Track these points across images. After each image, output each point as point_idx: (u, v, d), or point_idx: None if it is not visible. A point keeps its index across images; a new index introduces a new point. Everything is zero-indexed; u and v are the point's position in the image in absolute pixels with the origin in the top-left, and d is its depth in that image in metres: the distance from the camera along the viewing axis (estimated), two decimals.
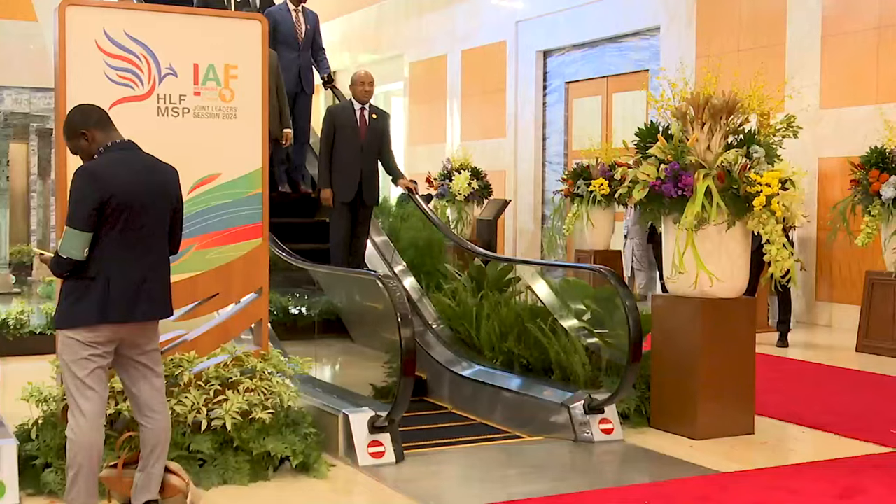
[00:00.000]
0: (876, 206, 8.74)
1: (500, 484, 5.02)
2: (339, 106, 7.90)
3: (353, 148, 7.55)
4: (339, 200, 7.54)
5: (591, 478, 5.16)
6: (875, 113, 9.37)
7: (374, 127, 7.66)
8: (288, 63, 8.91)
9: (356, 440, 5.25)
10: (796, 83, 10.17)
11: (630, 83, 13.19)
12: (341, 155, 7.53)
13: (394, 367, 6.39)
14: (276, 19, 8.94)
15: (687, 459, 5.43)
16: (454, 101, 16.46)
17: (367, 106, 7.66)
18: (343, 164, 7.54)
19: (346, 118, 7.60)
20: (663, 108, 6.08)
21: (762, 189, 5.66)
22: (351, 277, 7.34)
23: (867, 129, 9.52)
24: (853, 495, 4.84)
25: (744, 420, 5.98)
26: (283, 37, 8.99)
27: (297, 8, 9.09)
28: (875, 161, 8.79)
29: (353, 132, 7.58)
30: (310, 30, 9.19)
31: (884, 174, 8.68)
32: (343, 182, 7.56)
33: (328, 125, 7.63)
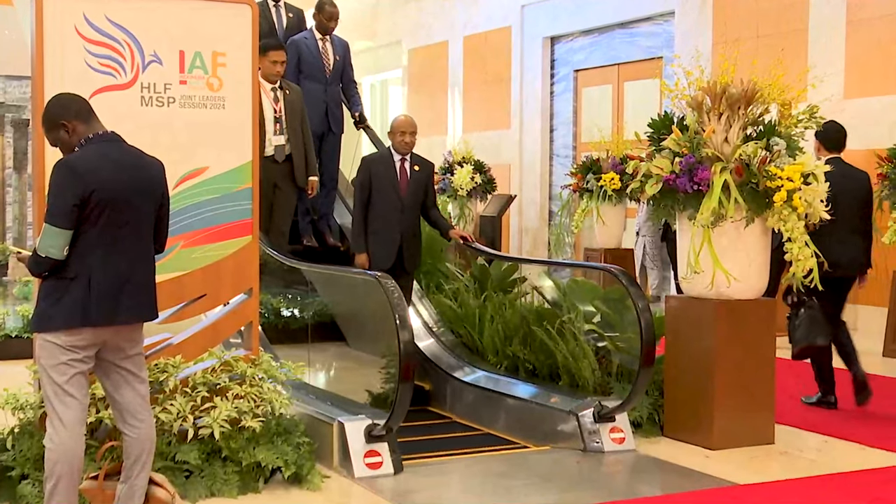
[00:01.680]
0: None
1: (504, 496, 5.03)
2: (376, 157, 7.16)
3: (392, 206, 6.82)
4: (376, 267, 6.59)
5: (601, 490, 5.16)
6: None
7: (416, 180, 6.90)
8: (313, 99, 8.37)
9: (352, 450, 5.26)
10: (819, 71, 10.16)
11: (642, 71, 13.19)
12: (378, 214, 6.82)
13: (392, 373, 6.40)
14: (299, 49, 8.51)
15: (702, 470, 5.43)
16: (455, 91, 16.47)
17: (409, 156, 6.94)
18: (381, 224, 6.81)
19: (383, 171, 6.86)
20: (678, 97, 6.08)
21: (783, 184, 5.67)
22: (347, 278, 7.33)
23: (893, 119, 9.51)
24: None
25: (763, 429, 5.99)
26: (308, 69, 8.52)
27: (324, 37, 8.60)
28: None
29: (393, 188, 6.84)
30: (339, 61, 8.67)
31: None
32: (380, 246, 6.80)
33: (363, 179, 6.89)
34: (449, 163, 14.37)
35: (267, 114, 7.44)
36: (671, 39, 12.52)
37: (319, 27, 8.60)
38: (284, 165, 7.64)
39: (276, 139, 7.57)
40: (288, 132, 7.60)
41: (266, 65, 7.34)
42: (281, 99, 7.59)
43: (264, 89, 7.41)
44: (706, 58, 11.10)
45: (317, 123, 8.38)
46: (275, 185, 7.57)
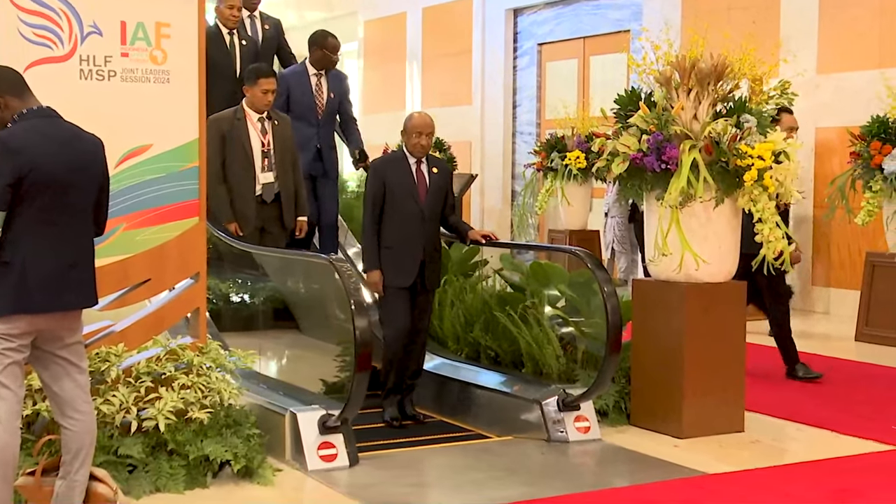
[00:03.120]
0: (878, 182, 8.83)
1: (465, 489, 5.03)
2: (389, 161, 6.48)
3: (411, 217, 6.19)
4: (394, 286, 6.15)
5: (566, 481, 5.19)
6: (878, 78, 9.45)
7: (436, 185, 6.30)
8: (304, 140, 7.76)
9: (305, 442, 5.24)
10: (792, 46, 10.26)
11: (609, 45, 13.21)
12: (396, 227, 6.17)
13: (347, 361, 6.38)
14: (289, 87, 7.89)
15: (671, 460, 5.48)
16: (414, 65, 16.42)
17: (425, 159, 6.33)
18: (399, 238, 6.16)
19: (399, 178, 6.22)
20: (645, 72, 6.10)
21: (753, 162, 5.70)
22: (300, 261, 7.30)
23: (869, 96, 9.60)
24: (850, 498, 4.91)
25: (733, 416, 6.04)
26: (299, 109, 7.86)
27: (319, 72, 7.96)
28: (877, 132, 8.87)
29: (411, 196, 6.20)
30: (333, 99, 8.02)
31: (886, 146, 8.77)
32: (400, 263, 6.15)
33: (375, 188, 6.22)
34: None
35: (255, 148, 6.91)
36: (639, 12, 12.56)
37: (319, 62, 7.96)
38: (273, 207, 7.03)
39: (264, 176, 6.96)
40: (277, 168, 6.99)
41: (255, 94, 6.84)
42: (269, 131, 6.97)
43: (251, 120, 6.90)
44: (675, 31, 11.11)
45: (307, 166, 7.75)
46: (262, 230, 7.02)
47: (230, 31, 8.08)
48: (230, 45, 8.08)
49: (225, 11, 8.02)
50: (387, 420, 6.13)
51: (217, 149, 6.67)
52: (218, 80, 7.63)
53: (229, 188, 6.88)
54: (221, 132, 6.79)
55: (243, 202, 6.90)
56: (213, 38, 7.80)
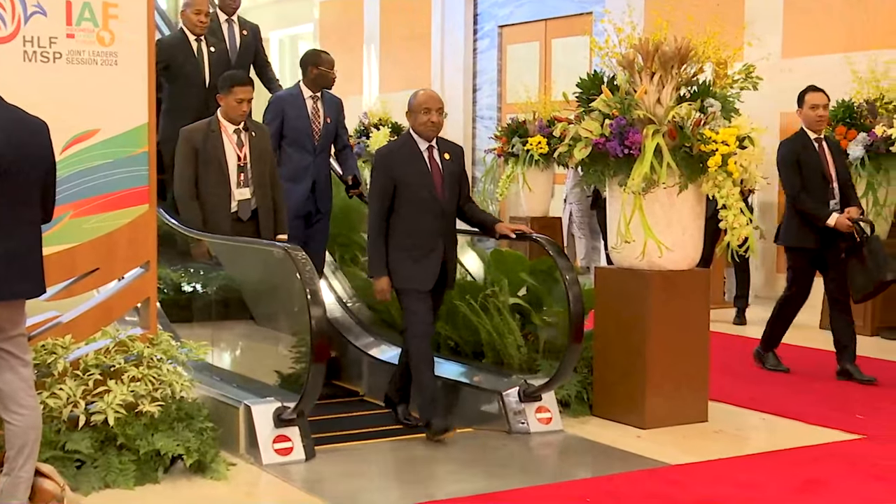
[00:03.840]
0: None
1: (424, 483, 5.04)
2: (397, 148, 5.93)
3: (428, 212, 5.73)
4: (415, 290, 5.76)
5: (528, 473, 5.20)
6: (843, 62, 9.53)
7: (451, 174, 5.83)
8: (298, 172, 7.22)
9: (260, 435, 5.23)
10: (757, 29, 10.29)
11: (571, 27, 13.23)
12: (412, 225, 5.72)
13: (303, 352, 6.36)
14: (284, 107, 7.28)
15: (633, 451, 5.51)
16: (372, 48, 16.37)
17: (436, 143, 5.87)
18: (416, 238, 5.73)
19: (411, 168, 5.73)
20: (608, 55, 6.11)
21: (718, 147, 5.73)
22: (254, 250, 7.25)
23: (835, 80, 9.67)
24: (814, 488, 4.96)
25: (697, 407, 6.08)
26: (295, 134, 7.25)
27: (315, 94, 7.30)
28: (842, 116, 8.96)
29: (426, 188, 5.73)
30: (330, 124, 7.36)
31: (851, 131, 8.86)
32: (420, 265, 5.72)
33: (383, 181, 5.73)
34: (365, 125, 14.32)
35: (230, 162, 6.45)
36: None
37: (316, 82, 7.27)
38: (249, 225, 6.56)
39: (240, 192, 6.50)
40: (254, 183, 6.53)
41: (230, 103, 6.40)
42: (246, 143, 6.50)
43: (226, 132, 6.45)
44: (639, 13, 11.16)
45: (299, 202, 7.19)
46: None
47: (197, 38, 7.71)
48: (198, 53, 7.73)
49: (192, 17, 7.66)
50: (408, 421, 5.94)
51: (190, 162, 6.40)
52: (187, 90, 7.59)
53: (202, 204, 6.45)
54: (194, 145, 6.40)
55: (217, 219, 6.42)
56: (180, 46, 7.64)
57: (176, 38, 7.78)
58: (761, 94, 6.76)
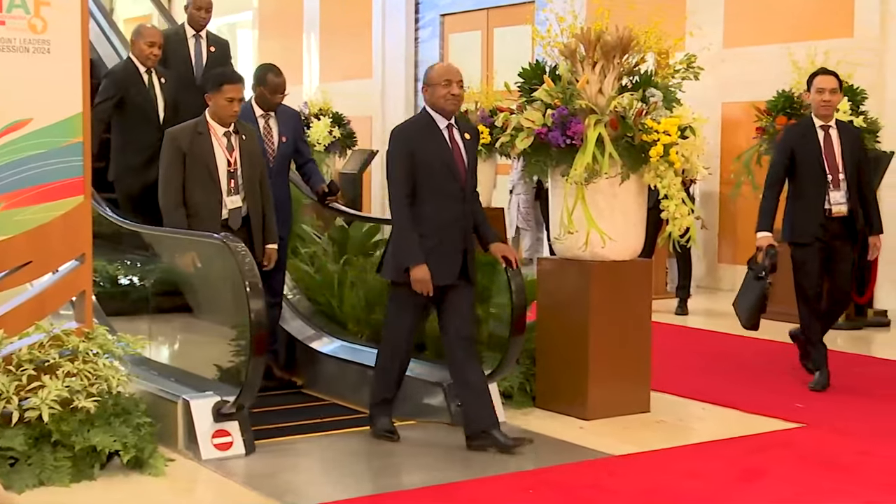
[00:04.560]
0: None
1: (367, 476, 5.04)
2: (416, 125, 5.51)
3: (449, 197, 5.38)
4: (436, 285, 5.35)
5: (470, 465, 5.22)
6: (784, 53, 9.65)
7: (472, 156, 5.54)
8: None
9: (198, 430, 5.20)
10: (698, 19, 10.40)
11: (513, 16, 13.26)
12: (431, 210, 5.36)
13: (242, 345, 6.32)
14: None
15: (576, 442, 5.55)
16: (312, 36, 16.29)
17: (454, 122, 5.51)
18: (436, 224, 5.36)
19: (432, 148, 5.36)
20: (550, 45, 6.14)
21: (659, 138, 5.78)
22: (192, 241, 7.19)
23: (775, 70, 9.80)
24: (756, 476, 5.03)
25: (639, 397, 6.14)
26: None
27: (267, 113, 6.68)
28: (783, 106, 9.08)
29: (449, 169, 5.37)
30: (286, 143, 6.73)
31: (791, 121, 8.97)
32: (440, 255, 5.36)
33: (402, 158, 5.33)
34: (305, 115, 14.23)
35: (220, 167, 6.01)
36: None
37: (264, 101, 6.64)
38: (240, 233, 6.01)
39: (230, 200, 6.06)
40: (245, 190, 6.09)
41: (219, 102, 5.97)
42: (236, 147, 6.06)
43: (215, 134, 6.00)
44: (580, 2, 11.21)
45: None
46: None
47: (148, 70, 7.34)
48: (149, 85, 7.33)
49: (144, 49, 7.28)
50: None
51: (177, 167, 5.97)
52: (139, 126, 7.22)
53: (189, 213, 6.02)
54: (180, 149, 5.97)
55: (206, 229, 5.88)
56: (130, 77, 7.28)
57: (127, 70, 7.37)
58: (703, 85, 6.84)
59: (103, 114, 7.15)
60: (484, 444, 5.35)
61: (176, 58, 7.90)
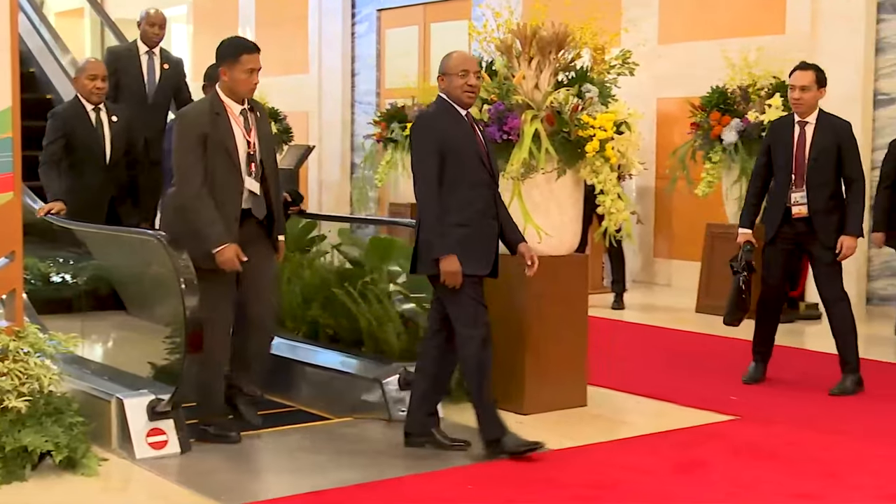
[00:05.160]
0: (717, 152, 9.14)
1: (304, 473, 5.01)
2: (438, 113, 5.28)
3: (479, 185, 5.21)
4: (470, 274, 5.18)
5: (408, 461, 5.21)
6: (717, 49, 9.76)
7: (491, 145, 5.46)
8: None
9: (133, 429, 5.13)
10: (633, 15, 10.49)
11: (450, 12, 13.28)
12: (462, 199, 5.15)
13: (177, 343, 6.26)
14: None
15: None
16: (247, 31, 16.16)
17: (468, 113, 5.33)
18: (468, 213, 5.18)
19: (460, 134, 5.18)
20: (486, 40, 6.14)
21: (595, 133, 5.81)
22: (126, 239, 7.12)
23: (709, 67, 9.91)
24: (691, 468, 5.08)
25: (576, 391, 6.17)
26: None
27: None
28: (716, 102, 9.18)
29: (478, 157, 5.21)
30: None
31: (725, 116, 9.09)
32: (473, 245, 5.18)
33: (431, 144, 5.13)
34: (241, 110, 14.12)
35: (240, 150, 5.32)
36: None
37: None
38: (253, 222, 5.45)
39: (251, 183, 5.37)
40: (266, 174, 5.46)
41: (237, 76, 5.30)
42: (253, 125, 5.41)
43: (232, 113, 5.33)
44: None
45: None
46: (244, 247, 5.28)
47: (95, 107, 6.90)
48: (96, 123, 6.88)
49: (87, 84, 6.82)
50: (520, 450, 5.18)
51: (199, 154, 5.24)
52: (84, 168, 6.80)
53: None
54: (201, 131, 5.25)
55: (226, 218, 5.27)
56: (75, 117, 6.84)
57: (71, 108, 6.94)
58: (638, 80, 6.89)
59: (53, 156, 6.79)
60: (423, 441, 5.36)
61: (128, 75, 7.77)
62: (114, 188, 6.64)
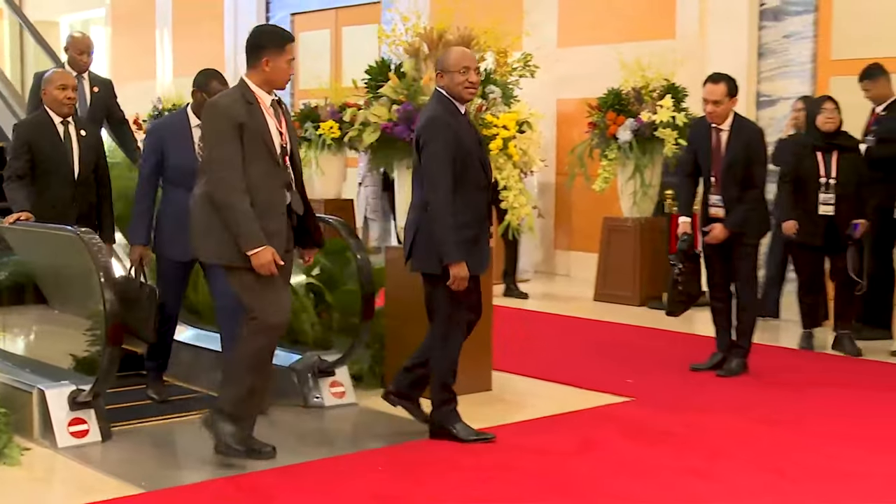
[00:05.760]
0: (613, 150, 9.26)
1: (222, 459, 4.96)
2: (446, 111, 5.02)
3: (478, 186, 5.06)
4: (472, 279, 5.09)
5: (323, 446, 5.21)
6: (613, 52, 9.87)
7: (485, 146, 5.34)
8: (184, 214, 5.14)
9: (54, 419, 5.05)
10: (534, 19, 10.56)
11: (361, 16, 13.23)
12: (466, 201, 4.99)
13: (98, 335, 6.16)
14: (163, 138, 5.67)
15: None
16: (165, 32, 15.93)
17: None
18: (470, 216, 5.03)
19: (467, 136, 5.03)
20: (395, 43, 6.14)
21: (499, 132, 5.85)
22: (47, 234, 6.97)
23: (606, 69, 10.01)
24: (591, 448, 5.14)
25: (481, 376, 6.20)
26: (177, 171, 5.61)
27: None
28: (612, 103, 9.30)
29: (479, 160, 5.07)
30: None
31: (620, 116, 9.21)
32: (473, 246, 5.06)
33: (448, 145, 4.91)
34: (159, 109, 13.95)
35: (276, 143, 4.80)
36: None
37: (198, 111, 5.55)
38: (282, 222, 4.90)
39: (288, 176, 4.92)
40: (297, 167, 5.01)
41: (281, 65, 4.80)
42: (283, 117, 4.90)
43: (263, 104, 4.79)
44: (424, 3, 11.26)
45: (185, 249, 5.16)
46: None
47: (64, 120, 6.10)
48: (65, 138, 6.08)
49: (57, 95, 6.07)
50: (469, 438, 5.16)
51: (237, 145, 4.67)
52: (53, 183, 6.05)
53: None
54: (238, 120, 4.67)
55: (270, 217, 4.75)
56: (42, 130, 6.07)
57: (38, 121, 6.17)
58: (539, 82, 6.95)
59: (18, 171, 6.00)
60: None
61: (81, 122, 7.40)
62: (83, 205, 6.02)
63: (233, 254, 4.68)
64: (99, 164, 6.22)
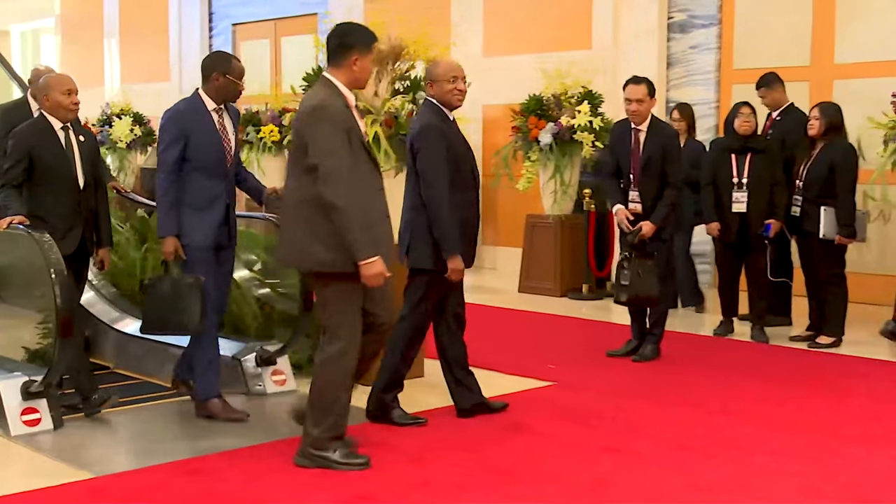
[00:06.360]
0: (535, 152, 9.32)
1: (169, 444, 4.92)
2: (437, 118, 5.04)
3: (468, 186, 5.11)
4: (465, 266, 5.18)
5: (265, 431, 5.16)
6: (535, 61, 9.93)
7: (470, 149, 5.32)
8: (211, 198, 5.23)
9: (7, 408, 4.96)
10: (461, 30, 10.57)
11: (299, 26, 13.15)
12: (458, 200, 5.03)
13: (50, 328, 6.06)
14: (186, 125, 5.18)
15: (360, 406, 5.55)
16: (112, 41, 15.69)
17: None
18: (461, 214, 5.07)
19: (458, 141, 5.07)
20: None
21: None
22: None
23: (528, 77, 10.07)
24: (517, 429, 5.17)
25: (414, 364, 6.18)
26: (201, 156, 5.18)
27: (220, 106, 5.28)
28: (534, 108, 9.35)
29: (468, 162, 5.11)
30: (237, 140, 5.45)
31: (542, 121, 9.27)
32: (467, 241, 5.18)
33: (442, 149, 4.95)
34: (107, 115, 13.74)
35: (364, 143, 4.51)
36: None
37: (221, 92, 5.26)
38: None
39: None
40: None
41: (365, 66, 4.50)
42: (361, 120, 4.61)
43: (350, 103, 4.48)
44: (358, 14, 11.23)
45: (211, 234, 5.20)
46: None
47: (64, 126, 5.51)
48: (66, 145, 5.49)
49: (62, 100, 5.47)
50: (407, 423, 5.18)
51: (348, 150, 4.34)
52: (55, 193, 5.43)
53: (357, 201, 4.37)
54: (348, 125, 4.36)
55: (381, 222, 4.53)
56: (41, 137, 5.44)
57: (36, 128, 5.53)
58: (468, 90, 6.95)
59: (14, 180, 5.39)
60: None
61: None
62: (87, 211, 5.52)
63: (345, 261, 4.35)
64: (96, 168, 5.72)
